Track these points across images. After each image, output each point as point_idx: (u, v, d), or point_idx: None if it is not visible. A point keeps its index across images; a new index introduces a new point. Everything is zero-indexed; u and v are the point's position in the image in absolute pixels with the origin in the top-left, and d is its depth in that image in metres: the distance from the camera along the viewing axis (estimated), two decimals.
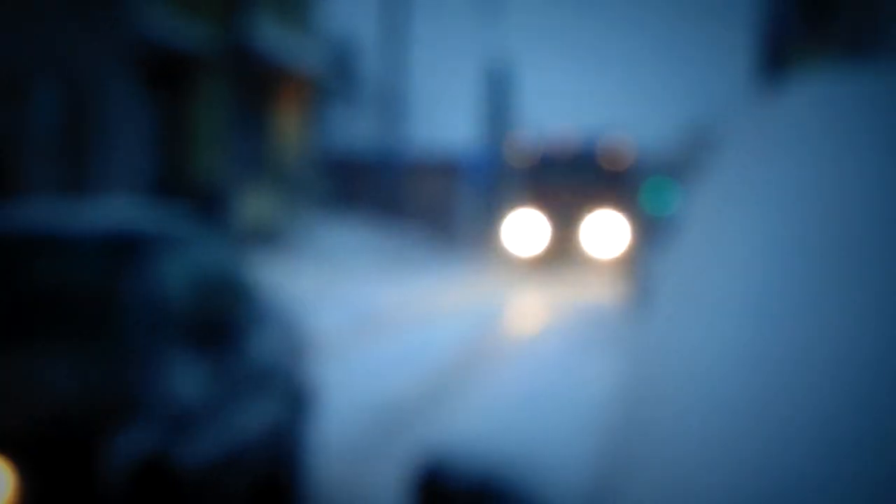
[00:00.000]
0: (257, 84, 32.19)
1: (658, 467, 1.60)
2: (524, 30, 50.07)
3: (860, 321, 1.64)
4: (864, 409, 1.51)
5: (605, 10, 51.49)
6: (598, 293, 28.72)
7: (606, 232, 34.96)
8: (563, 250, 34.99)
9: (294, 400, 8.56)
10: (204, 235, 7.74)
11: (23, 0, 22.16)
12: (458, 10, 47.32)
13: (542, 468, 9.91)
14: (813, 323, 1.68)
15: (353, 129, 44.93)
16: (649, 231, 30.33)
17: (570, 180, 35.68)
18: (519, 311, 22.98)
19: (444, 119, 45.08)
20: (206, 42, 28.80)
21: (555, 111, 48.43)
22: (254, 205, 32.27)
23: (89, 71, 24.42)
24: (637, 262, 25.69)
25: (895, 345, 1.58)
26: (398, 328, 19.71)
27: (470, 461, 1.93)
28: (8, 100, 21.98)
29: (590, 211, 35.16)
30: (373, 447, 10.69)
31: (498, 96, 48.57)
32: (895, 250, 1.74)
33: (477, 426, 11.58)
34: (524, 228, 35.02)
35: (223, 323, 6.89)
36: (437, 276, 31.34)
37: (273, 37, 31.38)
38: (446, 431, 11.35)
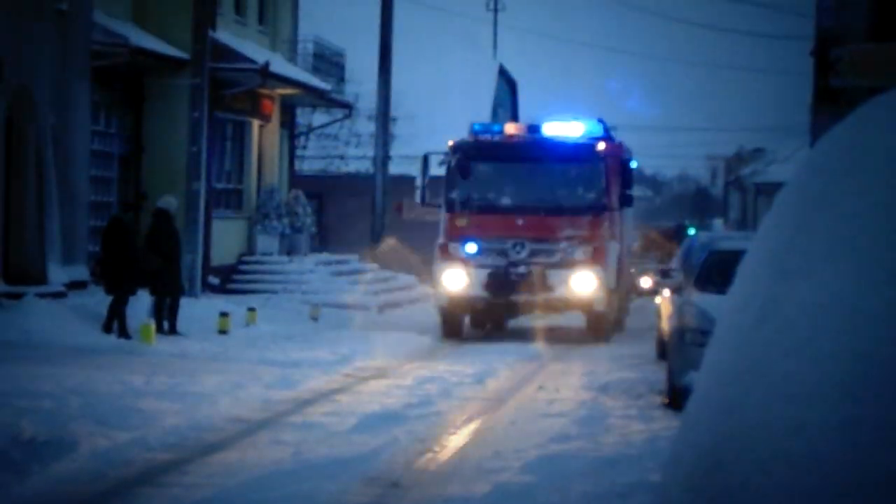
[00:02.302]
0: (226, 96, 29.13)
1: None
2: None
3: None
4: None
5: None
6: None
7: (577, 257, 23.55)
8: (512, 289, 23.44)
9: None
10: None
11: None
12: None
13: None
14: None
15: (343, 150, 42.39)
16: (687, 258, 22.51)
17: (517, 178, 24.09)
18: None
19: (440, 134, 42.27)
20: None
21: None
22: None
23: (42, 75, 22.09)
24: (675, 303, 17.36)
25: None
26: None
27: None
28: None
29: (552, 225, 23.57)
30: None
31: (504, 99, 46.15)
32: None
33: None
34: (451, 257, 23.74)
35: None
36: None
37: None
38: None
